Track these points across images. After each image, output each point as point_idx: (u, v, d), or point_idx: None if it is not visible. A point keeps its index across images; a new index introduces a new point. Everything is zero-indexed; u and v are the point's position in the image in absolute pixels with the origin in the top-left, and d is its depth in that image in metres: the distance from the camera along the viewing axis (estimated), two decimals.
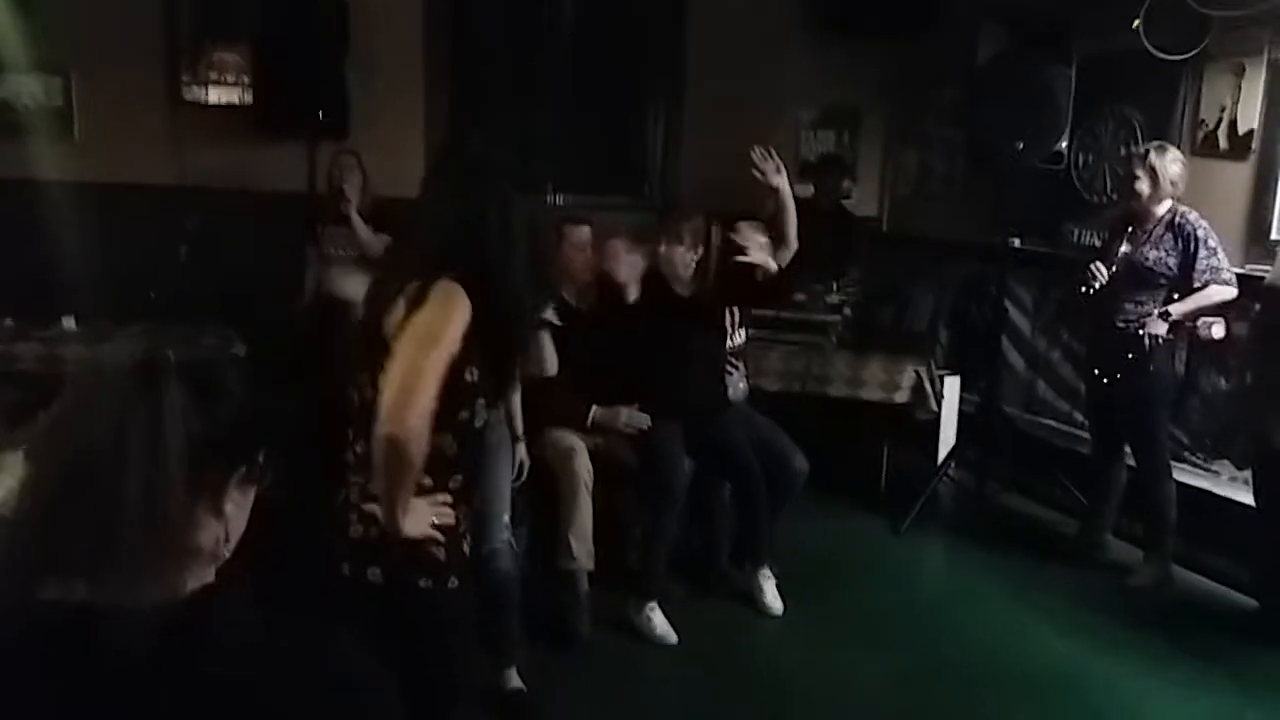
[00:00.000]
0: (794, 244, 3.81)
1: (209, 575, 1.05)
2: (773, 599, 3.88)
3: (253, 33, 5.03)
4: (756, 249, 3.68)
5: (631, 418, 3.81)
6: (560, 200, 5.65)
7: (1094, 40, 4.59)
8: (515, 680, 3.18)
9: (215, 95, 5.35)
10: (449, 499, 2.05)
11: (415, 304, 1.92)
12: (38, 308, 4.41)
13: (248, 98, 5.17)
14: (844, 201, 5.96)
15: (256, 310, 4.45)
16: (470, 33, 5.87)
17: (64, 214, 4.75)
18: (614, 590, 3.70)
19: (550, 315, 3.49)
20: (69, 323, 4.44)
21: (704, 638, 3.68)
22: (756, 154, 3.66)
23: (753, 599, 3.89)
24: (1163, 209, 4.04)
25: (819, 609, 3.94)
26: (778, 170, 3.65)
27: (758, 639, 3.80)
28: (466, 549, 2.15)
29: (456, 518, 2.07)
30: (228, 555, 1.08)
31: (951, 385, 5.48)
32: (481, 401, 2.05)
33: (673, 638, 3.62)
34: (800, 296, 4.95)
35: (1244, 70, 4.27)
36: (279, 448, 1.10)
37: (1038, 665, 3.59)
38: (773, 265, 3.70)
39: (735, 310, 4.09)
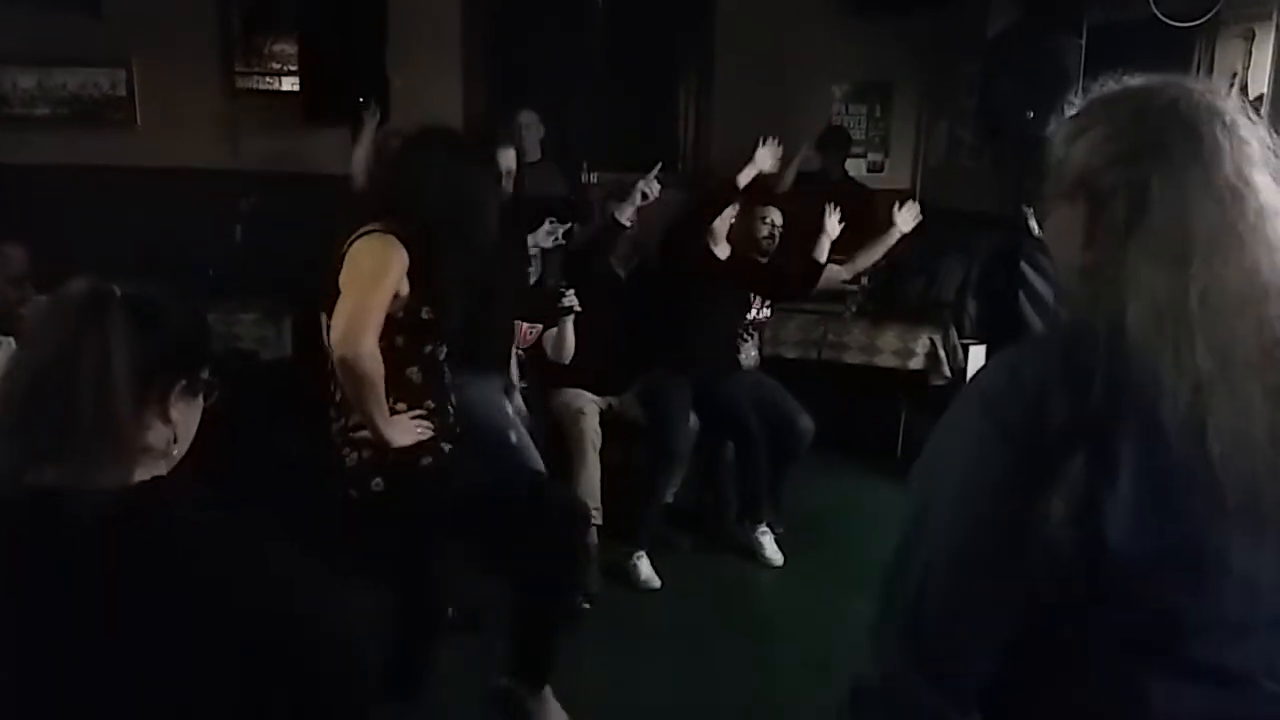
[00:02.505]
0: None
1: (160, 469, 1.28)
2: (772, 552, 4.03)
3: (299, 25, 5.32)
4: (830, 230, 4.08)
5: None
6: (594, 178, 5.87)
7: (1106, 9, 4.61)
8: None
9: (266, 84, 5.70)
10: (424, 414, 2.36)
11: (357, 253, 2.23)
12: None
13: (296, 86, 5.47)
14: (859, 176, 6.04)
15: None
16: (504, 18, 6.11)
17: (127, 196, 5.15)
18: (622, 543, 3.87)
19: (571, 301, 3.61)
20: None
21: (706, 586, 3.88)
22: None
23: (753, 553, 4.05)
24: None
25: (821, 560, 4.10)
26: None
27: (758, 588, 3.97)
28: (456, 428, 2.45)
29: (436, 426, 2.38)
30: (179, 454, 1.31)
31: (977, 354, 5.57)
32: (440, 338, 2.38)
33: (656, 582, 3.78)
34: None
35: (1254, 35, 4.28)
36: (220, 367, 1.34)
37: None
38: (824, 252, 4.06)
39: None
